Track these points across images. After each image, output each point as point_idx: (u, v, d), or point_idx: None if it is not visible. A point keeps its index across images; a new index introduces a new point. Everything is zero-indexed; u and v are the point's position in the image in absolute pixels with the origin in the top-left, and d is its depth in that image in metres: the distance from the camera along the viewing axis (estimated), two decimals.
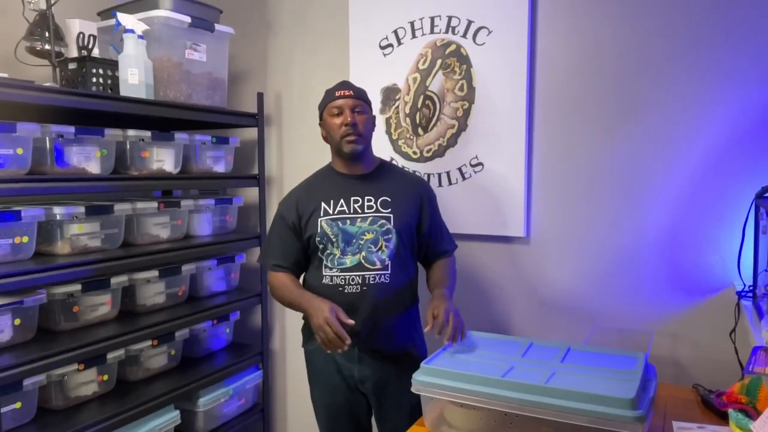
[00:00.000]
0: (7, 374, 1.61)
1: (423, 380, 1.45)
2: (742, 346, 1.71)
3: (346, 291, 1.74)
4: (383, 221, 1.78)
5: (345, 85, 1.83)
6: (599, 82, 1.97)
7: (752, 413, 1.34)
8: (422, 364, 1.48)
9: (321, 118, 1.85)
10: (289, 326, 2.72)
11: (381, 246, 1.76)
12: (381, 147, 2.31)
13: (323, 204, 1.80)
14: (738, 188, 1.79)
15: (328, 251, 1.77)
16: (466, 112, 2.16)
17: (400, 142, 2.31)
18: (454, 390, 1.40)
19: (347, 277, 1.74)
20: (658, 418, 1.50)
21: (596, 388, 1.30)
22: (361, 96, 1.81)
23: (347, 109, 1.76)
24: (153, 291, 2.19)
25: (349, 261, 1.75)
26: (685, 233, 1.88)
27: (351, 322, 1.61)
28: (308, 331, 1.89)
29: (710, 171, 1.84)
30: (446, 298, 1.72)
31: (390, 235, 1.77)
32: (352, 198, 1.80)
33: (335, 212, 1.78)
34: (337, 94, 1.79)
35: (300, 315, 1.84)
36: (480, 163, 2.15)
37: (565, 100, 2.02)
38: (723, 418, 1.48)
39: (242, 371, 2.47)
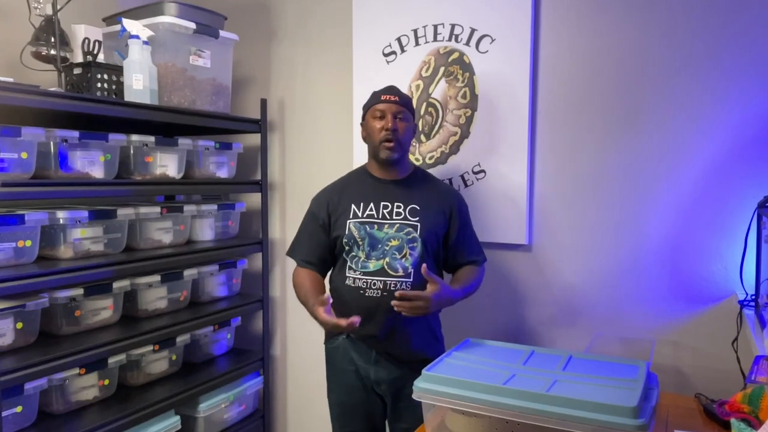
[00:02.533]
0: (9, 378, 1.61)
1: (424, 387, 1.45)
2: (745, 356, 1.71)
3: (366, 294, 1.75)
4: (410, 229, 1.78)
5: (391, 90, 1.84)
6: (602, 90, 1.97)
7: (754, 423, 1.33)
8: (423, 371, 1.48)
9: (363, 118, 1.87)
10: (290, 332, 2.71)
11: (405, 254, 1.77)
12: None
13: (353, 206, 1.82)
14: (740, 197, 1.79)
15: (354, 253, 1.79)
16: (469, 120, 2.16)
17: None
18: (455, 397, 1.39)
19: (369, 281, 1.75)
20: (660, 427, 1.50)
21: (598, 396, 1.30)
22: (405, 103, 1.82)
23: (390, 114, 1.78)
24: (155, 296, 2.19)
25: (372, 265, 1.76)
26: (688, 242, 1.88)
27: (326, 298, 1.66)
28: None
29: (712, 179, 1.84)
30: (446, 292, 1.70)
31: (415, 244, 1.78)
32: (381, 203, 1.81)
33: (364, 215, 1.80)
34: (382, 98, 1.80)
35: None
36: (482, 171, 2.16)
37: (568, 108, 2.03)
38: (725, 428, 1.47)
39: (243, 377, 2.46)
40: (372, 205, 1.81)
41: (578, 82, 2.01)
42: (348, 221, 1.80)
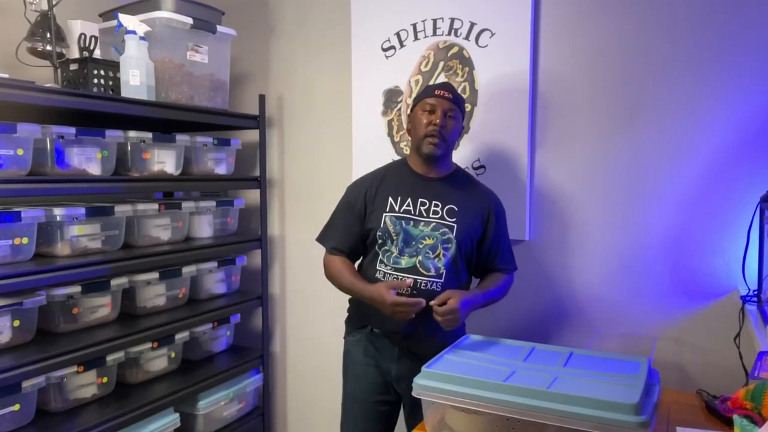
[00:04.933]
0: (6, 376, 1.60)
1: (424, 384, 1.43)
2: (747, 352, 1.70)
3: (396, 291, 1.73)
4: (445, 229, 1.76)
5: (446, 86, 1.80)
6: (602, 86, 1.96)
7: (757, 419, 1.32)
8: (423, 368, 1.47)
9: (412, 109, 1.83)
10: (289, 329, 2.71)
11: (439, 253, 1.75)
12: (383, 149, 2.31)
13: (390, 199, 1.80)
14: (742, 192, 1.78)
15: (386, 248, 1.77)
16: (468, 115, 2.15)
17: (402, 144, 2.30)
18: (455, 394, 1.38)
19: (399, 277, 1.74)
20: (661, 423, 1.49)
21: (599, 393, 1.29)
22: (457, 102, 1.78)
23: (440, 110, 1.74)
24: (153, 293, 2.18)
25: (404, 262, 1.75)
26: (689, 237, 1.87)
27: (408, 282, 1.70)
28: (352, 323, 1.90)
29: (714, 174, 1.83)
30: (468, 297, 1.68)
31: (449, 245, 1.75)
32: (419, 199, 1.79)
33: (400, 210, 1.78)
34: (436, 93, 1.76)
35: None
36: (482, 166, 2.14)
37: (568, 103, 2.02)
38: (727, 424, 1.46)
39: (243, 374, 2.46)
40: (410, 200, 1.79)
41: (579, 76, 1.99)
42: (384, 214, 1.78)
